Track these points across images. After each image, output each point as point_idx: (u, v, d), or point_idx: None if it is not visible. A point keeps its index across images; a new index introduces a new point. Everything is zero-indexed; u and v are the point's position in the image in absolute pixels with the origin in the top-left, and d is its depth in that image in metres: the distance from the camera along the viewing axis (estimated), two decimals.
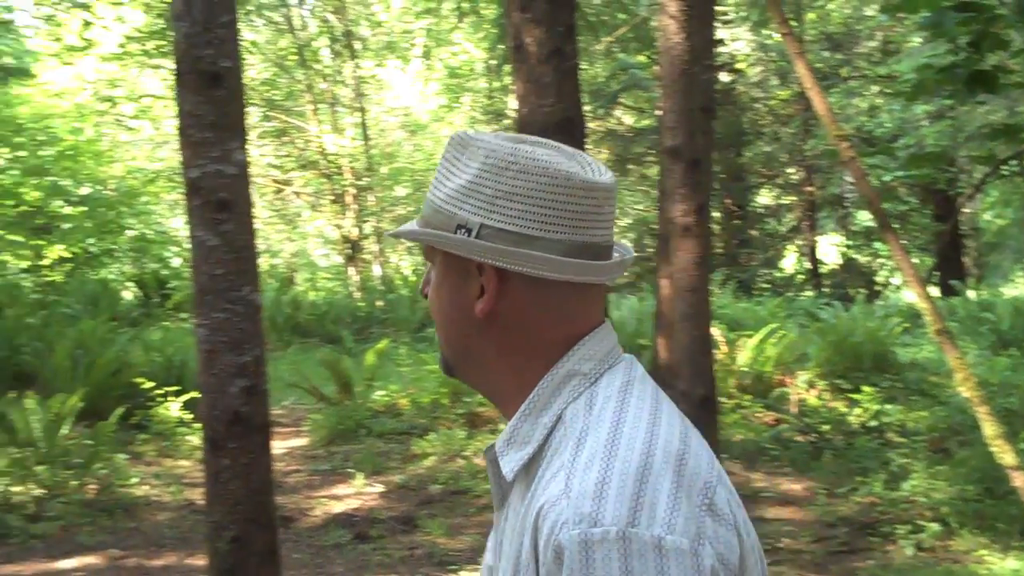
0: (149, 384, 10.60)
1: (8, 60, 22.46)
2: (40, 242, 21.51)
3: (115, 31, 19.47)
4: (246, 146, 4.60)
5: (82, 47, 18.19)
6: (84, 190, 22.54)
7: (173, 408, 10.45)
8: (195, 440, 10.24)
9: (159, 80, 22.04)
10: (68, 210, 22.18)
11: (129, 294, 20.43)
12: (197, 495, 8.76)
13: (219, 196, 4.37)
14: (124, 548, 7.40)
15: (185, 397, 10.53)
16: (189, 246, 4.47)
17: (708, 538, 1.30)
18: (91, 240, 22.52)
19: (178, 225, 27.68)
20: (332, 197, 22.44)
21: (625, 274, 21.79)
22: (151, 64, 20.81)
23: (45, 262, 21.76)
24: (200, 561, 7.15)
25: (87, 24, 17.93)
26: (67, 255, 21.80)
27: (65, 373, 11.27)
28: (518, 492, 1.47)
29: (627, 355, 1.51)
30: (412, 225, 1.52)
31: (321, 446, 10.14)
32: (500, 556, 1.49)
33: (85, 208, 22.41)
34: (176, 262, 24.22)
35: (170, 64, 20.85)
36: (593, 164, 1.48)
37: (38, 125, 21.60)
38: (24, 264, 22.44)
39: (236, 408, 4.42)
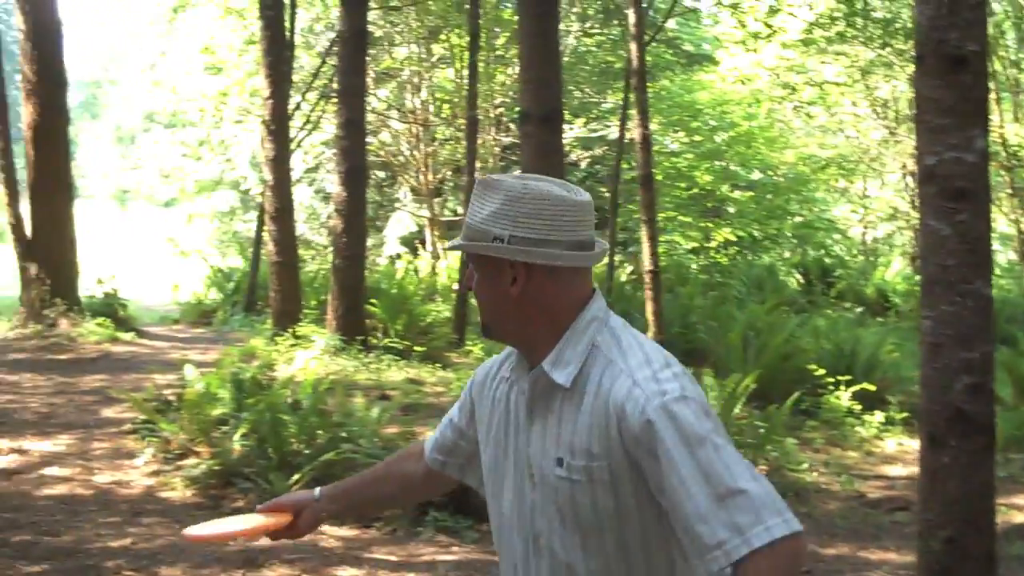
0: (820, 371, 10.57)
1: (689, 47, 23.40)
2: (708, 224, 22.24)
3: (801, 17, 19.57)
4: (988, 134, 4.31)
5: (766, 34, 18.45)
6: (754, 175, 22.96)
7: (844, 398, 10.33)
8: (864, 432, 10.08)
9: (840, 67, 21.90)
10: (737, 194, 22.72)
11: (792, 280, 20.54)
12: (868, 488, 8.59)
13: (956, 185, 4.15)
14: None
15: (855, 388, 10.40)
16: (853, 235, 4.31)
17: (702, 396, 2.10)
18: (756, 225, 22.92)
19: (839, 213, 27.49)
20: (1010, 191, 21.11)
21: None
22: (833, 51, 20.71)
23: (711, 244, 22.47)
24: (872, 555, 6.98)
25: (773, 11, 18.16)
26: (732, 238, 22.35)
27: (737, 354, 11.54)
28: (566, 402, 2.17)
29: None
30: (459, 240, 2.24)
31: (997, 451, 9.52)
32: (553, 452, 2.17)
33: (752, 193, 22.83)
34: (839, 250, 24.08)
35: (853, 50, 20.77)
36: (574, 188, 2.24)
37: (715, 111, 22.30)
38: (692, 245, 23.33)
39: (959, 405, 4.21)
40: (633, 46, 8.99)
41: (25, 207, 14.59)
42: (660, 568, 2.17)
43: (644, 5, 9.72)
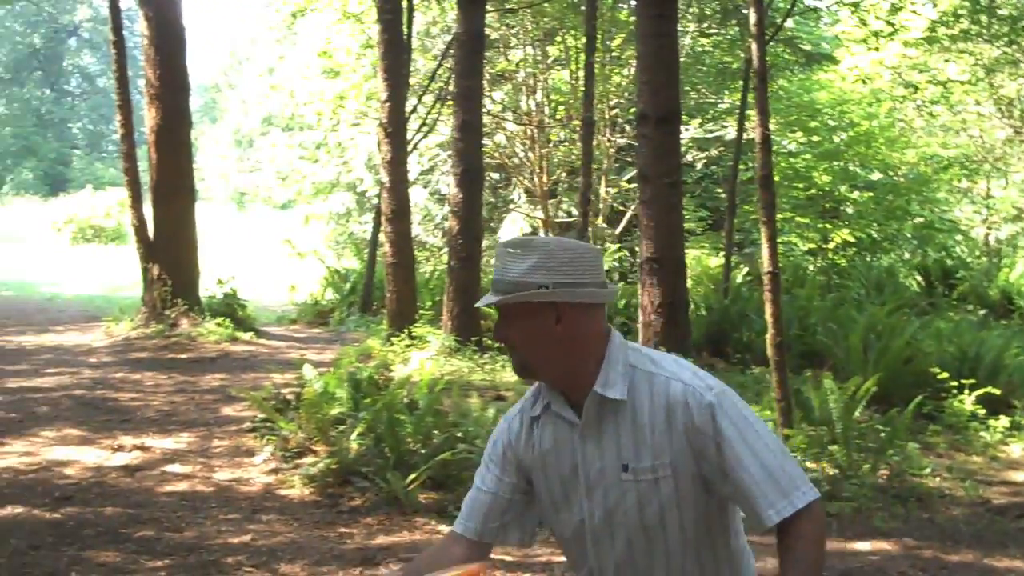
0: (943, 375, 10.34)
1: (807, 46, 23.06)
2: (826, 225, 21.91)
3: (924, 15, 19.16)
4: None
5: (888, 32, 18.08)
6: (874, 176, 22.55)
7: (967, 402, 10.10)
8: (988, 437, 9.84)
9: (964, 65, 21.40)
10: (855, 195, 22.34)
11: (912, 282, 20.11)
12: (993, 493, 8.39)
13: None
14: (918, 538, 7.23)
15: (979, 391, 10.16)
16: (975, 236, 4.15)
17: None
18: (875, 226, 22.52)
19: (961, 214, 26.87)
20: None
21: None
22: (957, 49, 20.24)
23: (829, 245, 22.14)
24: (998, 562, 6.82)
25: (895, 8, 17.81)
26: (850, 239, 21.99)
27: (857, 357, 11.35)
28: (621, 418, 2.55)
29: None
30: (492, 296, 2.56)
31: None
32: (614, 461, 2.56)
33: (871, 193, 22.43)
34: (960, 251, 23.52)
35: (977, 48, 20.25)
36: (587, 242, 3.72)
37: (834, 110, 21.95)
38: (809, 246, 23.00)
39: None
40: (754, 45, 8.87)
41: (148, 209, 14.97)
42: (717, 541, 2.64)
43: (764, 3, 9.59)
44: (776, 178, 19.61)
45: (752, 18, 8.89)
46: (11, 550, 6.36)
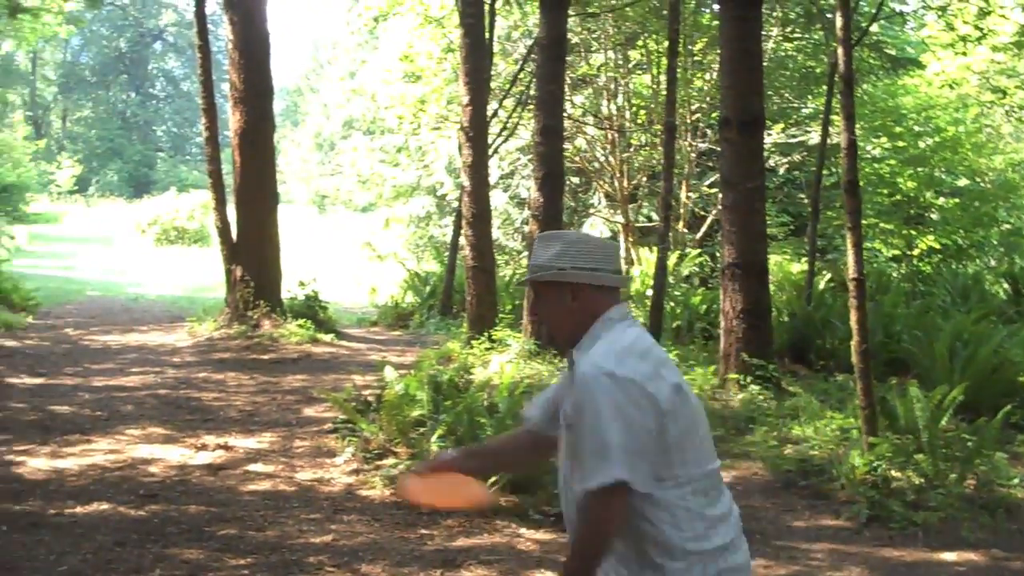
0: None
1: (892, 51, 22.75)
2: (911, 232, 21.58)
3: (1013, 19, 18.80)
4: None
5: (976, 36, 17.76)
6: (960, 182, 22.16)
7: None
8: None
9: None
10: (941, 201, 21.99)
11: (999, 290, 19.70)
12: None
13: None
14: (1006, 549, 7.08)
15: None
16: None
17: (651, 380, 2.95)
18: (961, 232, 22.14)
19: None
20: None
21: None
22: None
23: (914, 252, 21.81)
24: None
25: (983, 13, 17.49)
26: (936, 246, 21.65)
27: (943, 365, 11.15)
28: (572, 373, 3.08)
29: (634, 315, 3.24)
30: (527, 276, 3.25)
31: None
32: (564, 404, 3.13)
33: (958, 200, 22.07)
34: None
35: None
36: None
37: (919, 116, 21.62)
38: (893, 252, 22.68)
39: None
40: (840, 50, 8.76)
41: (231, 212, 15.16)
42: None
43: (851, 6, 9.45)
44: (860, 184, 19.38)
45: (838, 22, 8.77)
46: (97, 546, 6.47)
